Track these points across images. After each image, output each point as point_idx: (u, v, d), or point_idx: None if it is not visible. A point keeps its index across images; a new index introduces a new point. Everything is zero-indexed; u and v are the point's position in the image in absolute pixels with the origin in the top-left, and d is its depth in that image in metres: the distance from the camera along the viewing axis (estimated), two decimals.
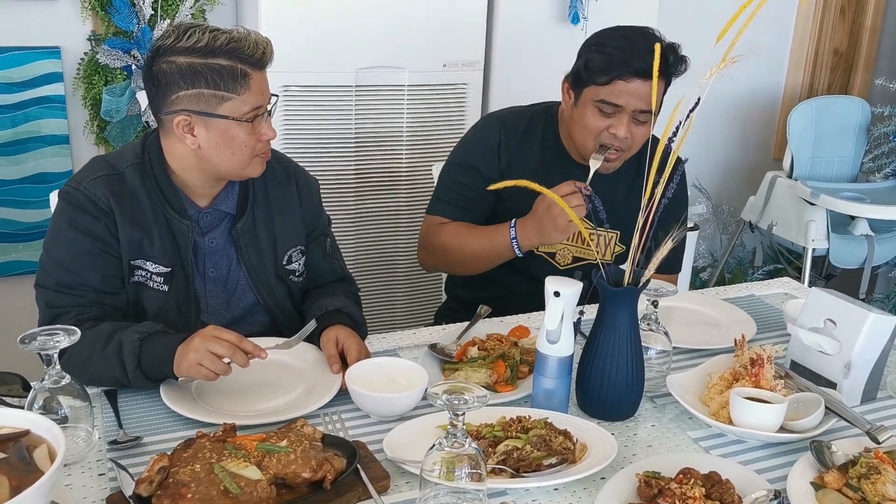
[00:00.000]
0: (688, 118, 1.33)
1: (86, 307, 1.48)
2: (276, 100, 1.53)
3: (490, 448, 1.25)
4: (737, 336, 1.56)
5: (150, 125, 2.53)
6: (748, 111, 3.73)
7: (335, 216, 2.66)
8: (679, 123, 1.32)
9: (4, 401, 1.31)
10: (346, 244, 2.72)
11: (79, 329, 1.23)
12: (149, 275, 1.54)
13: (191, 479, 1.09)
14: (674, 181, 1.38)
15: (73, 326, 1.23)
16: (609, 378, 1.38)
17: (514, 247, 1.81)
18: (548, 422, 1.30)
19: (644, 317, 1.48)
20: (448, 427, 1.08)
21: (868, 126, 3.44)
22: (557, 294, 1.34)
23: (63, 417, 1.24)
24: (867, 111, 3.43)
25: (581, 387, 1.42)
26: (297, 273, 1.69)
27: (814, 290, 1.56)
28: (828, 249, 3.22)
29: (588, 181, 1.70)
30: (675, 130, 1.34)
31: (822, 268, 3.54)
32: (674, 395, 1.42)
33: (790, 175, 3.39)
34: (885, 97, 3.51)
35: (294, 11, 2.45)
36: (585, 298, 1.41)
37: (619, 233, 1.94)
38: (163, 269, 1.54)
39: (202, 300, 1.60)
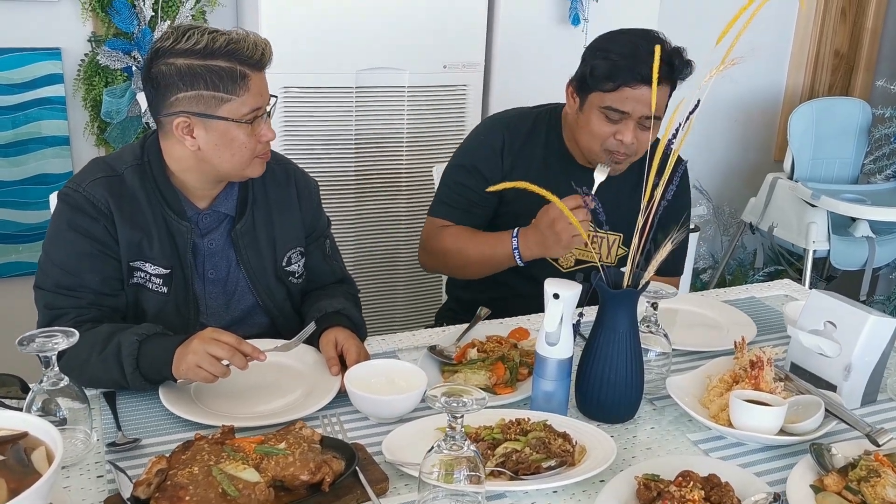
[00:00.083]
0: (687, 120, 1.32)
1: (85, 309, 1.48)
2: (276, 101, 1.53)
3: (489, 450, 1.24)
4: (737, 338, 1.56)
5: (151, 126, 2.53)
6: (749, 112, 3.72)
7: (335, 217, 2.66)
8: (679, 125, 1.31)
9: (3, 402, 1.31)
10: (347, 245, 2.72)
11: (77, 331, 1.23)
12: (148, 276, 1.54)
13: (189, 482, 1.09)
14: (673, 183, 1.38)
15: (72, 328, 1.23)
16: (608, 380, 1.37)
17: (516, 256, 1.81)
18: (547, 424, 1.30)
19: (644, 319, 1.48)
20: (447, 429, 1.08)
21: (869, 128, 3.44)
22: (556, 296, 1.33)
23: (62, 419, 1.23)
24: (868, 113, 3.43)
25: (580, 389, 1.42)
26: (297, 274, 1.69)
27: (814, 293, 1.56)
28: (828, 251, 3.22)
29: (593, 191, 1.70)
30: (675, 132, 1.34)
31: (823, 269, 3.53)
32: (673, 398, 1.42)
33: (791, 176, 3.39)
34: (886, 99, 3.51)
35: (294, 12, 2.45)
36: (585, 301, 1.41)
37: (622, 235, 1.94)
38: (162, 271, 1.54)
39: (201, 302, 1.60)
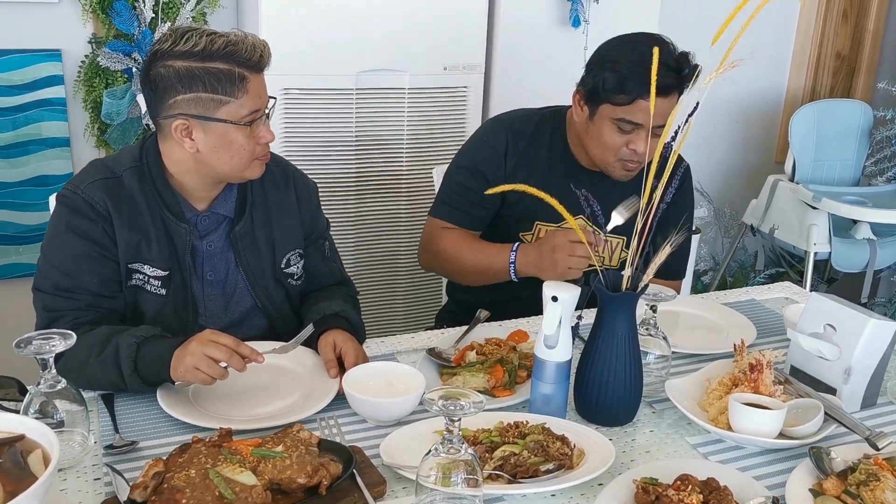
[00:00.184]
0: (686, 122, 1.32)
1: (83, 311, 1.48)
2: (275, 102, 1.53)
3: (487, 454, 1.24)
4: (736, 341, 1.55)
5: (151, 128, 2.53)
6: (750, 114, 3.72)
7: (335, 219, 2.66)
8: (678, 127, 1.31)
9: (0, 405, 1.31)
10: (347, 247, 2.72)
11: (75, 333, 1.23)
12: (146, 278, 1.53)
13: (185, 485, 1.08)
14: (672, 185, 1.38)
15: (70, 330, 1.22)
16: (607, 383, 1.37)
17: (511, 270, 1.82)
18: (545, 427, 1.30)
19: (643, 322, 1.47)
20: (444, 433, 1.08)
21: (870, 130, 3.43)
22: (555, 299, 1.33)
23: (59, 421, 1.23)
24: (869, 115, 3.42)
25: (579, 392, 1.41)
26: (296, 276, 1.69)
27: (813, 296, 1.55)
28: (830, 253, 3.21)
29: (608, 229, 1.71)
30: (675, 134, 1.34)
31: (825, 272, 3.53)
32: (672, 401, 1.41)
33: (792, 178, 3.38)
34: (888, 101, 3.50)
35: (295, 14, 2.45)
36: (584, 303, 1.41)
37: (625, 238, 1.94)
38: (160, 273, 1.54)
39: (200, 303, 1.60)
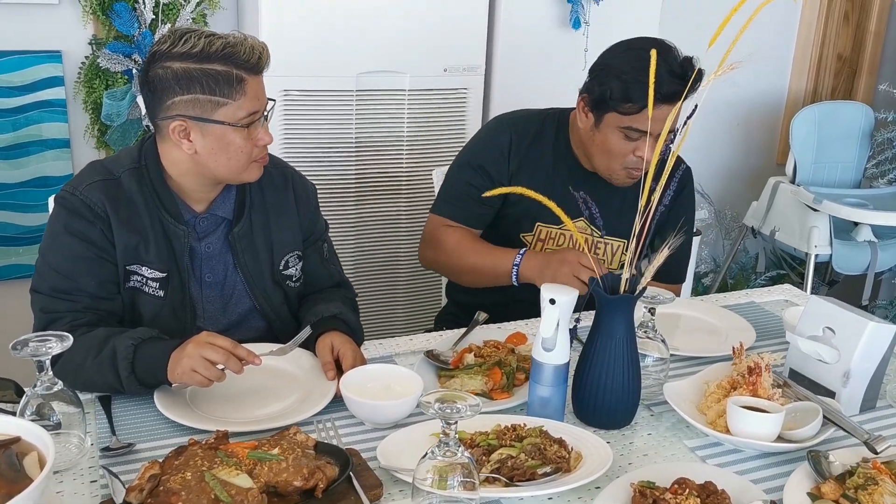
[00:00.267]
0: (685, 125, 1.32)
1: (81, 312, 1.48)
2: (274, 104, 1.53)
3: (484, 456, 1.24)
4: (735, 344, 1.55)
5: (151, 130, 2.53)
6: (751, 116, 3.71)
7: (335, 221, 2.66)
8: (676, 130, 1.31)
9: None
10: (347, 249, 2.72)
11: (72, 335, 1.23)
12: (144, 280, 1.53)
13: (181, 487, 1.08)
14: (671, 188, 1.38)
15: (66, 332, 1.22)
16: (605, 386, 1.37)
17: (514, 274, 1.82)
18: (543, 430, 1.29)
19: (641, 324, 1.47)
20: (440, 436, 1.07)
21: (871, 131, 3.43)
22: (553, 301, 1.33)
23: (56, 423, 1.23)
24: (871, 116, 3.42)
25: (577, 395, 1.41)
26: (294, 278, 1.69)
27: (813, 298, 1.55)
28: (831, 255, 3.20)
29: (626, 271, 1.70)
30: (673, 136, 1.34)
31: (826, 274, 3.52)
32: (670, 404, 1.41)
33: (793, 180, 3.38)
34: (889, 102, 3.49)
35: (295, 16, 2.45)
36: (583, 306, 1.41)
37: (626, 241, 1.93)
38: (158, 275, 1.53)
39: (198, 305, 1.60)
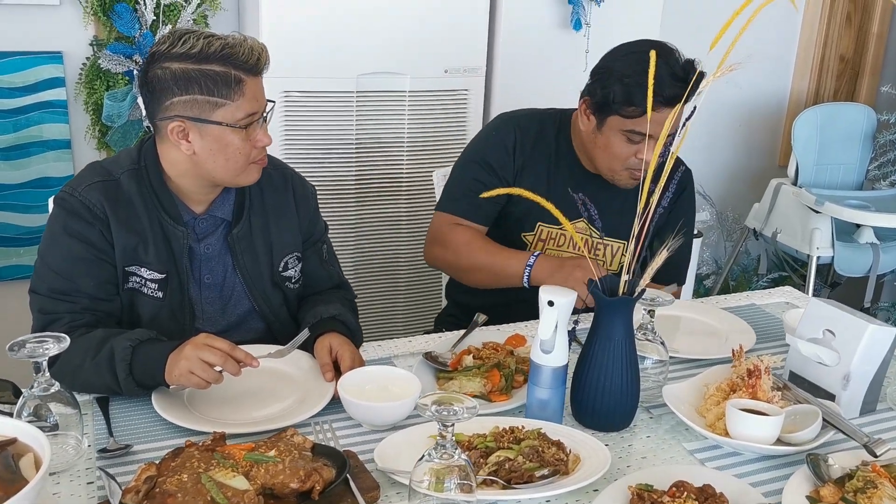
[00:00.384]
0: (684, 126, 1.32)
1: (79, 313, 1.48)
2: (273, 106, 1.53)
3: (482, 459, 1.23)
4: (735, 346, 1.54)
5: (151, 130, 2.53)
6: (753, 117, 3.71)
7: (336, 222, 2.66)
8: (675, 132, 1.30)
9: None
10: (347, 250, 2.71)
11: (70, 336, 1.23)
12: (143, 281, 1.53)
13: (177, 489, 1.08)
14: (670, 190, 1.37)
15: (63, 333, 1.22)
16: (604, 388, 1.36)
17: (526, 275, 1.81)
18: (541, 432, 1.29)
19: (640, 326, 1.47)
20: (437, 438, 1.07)
21: (874, 133, 3.42)
22: (551, 303, 1.32)
23: (53, 425, 1.23)
24: (873, 118, 3.41)
25: (575, 397, 1.41)
26: (294, 280, 1.69)
27: (813, 301, 1.54)
28: (832, 257, 3.20)
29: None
30: (672, 138, 1.33)
31: (828, 276, 3.51)
32: (669, 406, 1.40)
33: (795, 182, 3.37)
34: (891, 104, 3.49)
35: (295, 17, 2.45)
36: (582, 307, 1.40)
37: (626, 243, 1.93)
38: (157, 276, 1.53)
39: (197, 307, 1.60)
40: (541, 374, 1.36)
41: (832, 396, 1.46)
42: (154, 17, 2.52)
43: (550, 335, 1.34)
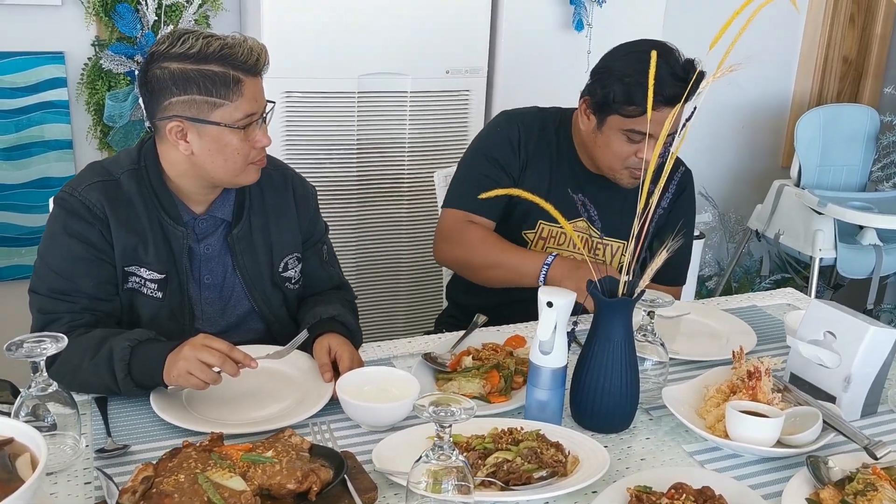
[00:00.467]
0: (684, 127, 1.31)
1: (79, 313, 1.47)
2: (273, 106, 1.53)
3: (480, 460, 1.23)
4: (736, 348, 1.53)
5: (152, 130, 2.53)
6: (756, 119, 3.70)
7: (337, 223, 2.66)
8: (674, 132, 1.30)
9: None
10: (348, 251, 2.71)
11: (68, 336, 1.23)
12: (143, 281, 1.53)
13: (174, 490, 1.08)
14: (670, 190, 1.37)
15: (61, 333, 1.22)
16: (603, 390, 1.36)
17: (542, 275, 1.78)
18: (540, 434, 1.29)
19: (640, 327, 1.46)
20: (435, 439, 1.07)
21: (877, 135, 3.41)
22: (550, 304, 1.32)
23: (51, 425, 1.23)
24: (876, 120, 3.40)
25: (575, 398, 1.40)
26: (293, 280, 1.69)
27: (814, 302, 1.54)
28: (835, 259, 3.19)
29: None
30: (671, 139, 1.33)
31: (831, 277, 3.50)
32: (669, 408, 1.40)
33: (798, 184, 3.36)
34: (895, 106, 3.48)
35: (297, 17, 2.45)
36: (581, 308, 1.40)
37: (625, 243, 1.92)
38: (157, 276, 1.53)
39: (197, 307, 1.60)
40: (540, 376, 1.36)
41: (833, 398, 1.45)
42: (156, 18, 2.52)
43: (549, 336, 1.33)
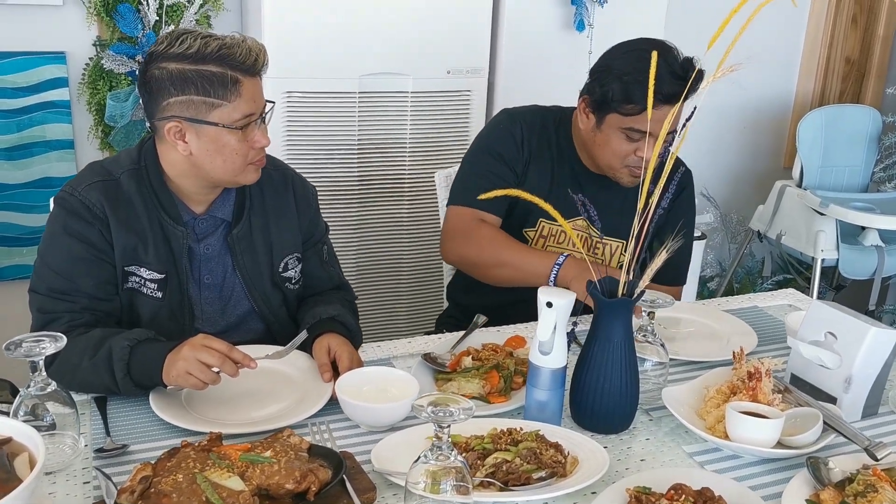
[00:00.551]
0: (684, 127, 1.31)
1: (78, 313, 1.47)
2: (273, 106, 1.52)
3: (479, 461, 1.23)
4: (737, 348, 1.53)
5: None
6: (758, 119, 3.69)
7: (338, 223, 2.66)
8: (675, 132, 1.30)
9: None
10: (349, 251, 2.71)
11: (67, 336, 1.23)
12: (142, 281, 1.53)
13: (172, 489, 1.08)
14: (670, 190, 1.36)
15: (60, 333, 1.22)
16: (603, 390, 1.35)
17: (553, 275, 1.76)
18: (539, 434, 1.28)
19: (640, 328, 1.46)
20: (433, 439, 1.07)
21: (879, 135, 3.40)
22: (550, 304, 1.32)
23: (50, 424, 1.23)
24: (878, 120, 3.39)
25: (574, 399, 1.40)
26: (293, 280, 1.68)
27: (814, 303, 1.53)
28: (837, 260, 3.18)
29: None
30: (672, 139, 1.33)
31: (833, 278, 3.50)
32: (669, 409, 1.40)
33: (800, 184, 3.36)
34: None
35: (298, 17, 2.45)
36: (580, 309, 1.39)
37: (625, 242, 1.92)
38: (157, 276, 1.53)
39: (196, 307, 1.60)
40: (539, 376, 1.35)
41: (834, 399, 1.45)
42: (157, 18, 2.52)
43: (549, 336, 1.33)
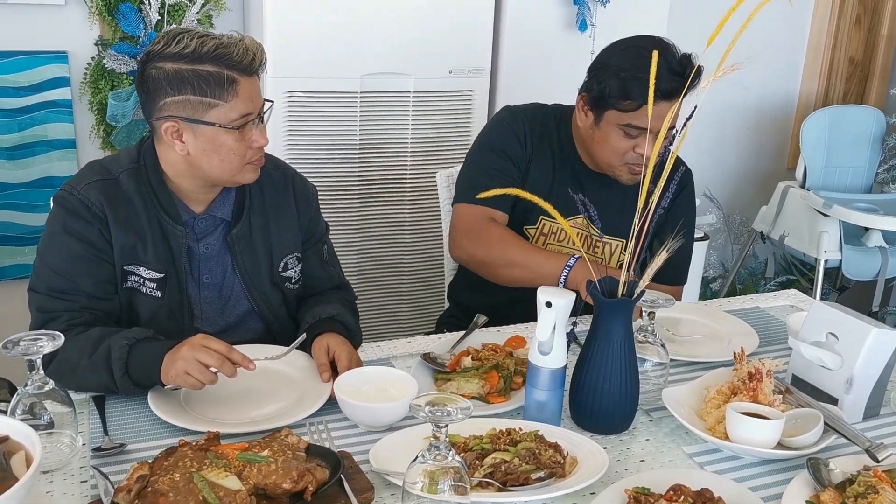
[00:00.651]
0: (684, 126, 1.30)
1: (77, 312, 1.47)
2: (272, 106, 1.52)
3: (477, 461, 1.22)
4: (738, 349, 1.52)
5: None
6: (761, 120, 3.69)
7: (339, 223, 2.65)
8: (675, 132, 1.29)
9: None
10: (350, 251, 2.71)
11: (65, 334, 1.22)
12: (142, 280, 1.53)
13: (169, 489, 1.07)
14: (670, 190, 1.36)
15: (58, 332, 1.22)
16: (602, 391, 1.35)
17: (563, 276, 1.74)
18: (538, 434, 1.28)
19: (640, 328, 1.45)
20: (431, 439, 1.06)
21: (883, 136, 3.39)
22: (549, 304, 1.31)
23: (48, 423, 1.23)
24: (882, 121, 3.38)
25: (574, 399, 1.39)
26: (293, 280, 1.68)
27: (816, 304, 1.53)
28: (840, 261, 3.17)
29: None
30: (672, 139, 1.32)
31: (836, 280, 3.49)
32: (669, 409, 1.39)
33: (803, 185, 3.35)
34: None
35: (299, 17, 2.45)
36: (580, 309, 1.39)
37: (625, 241, 1.92)
38: (156, 275, 1.53)
39: (196, 306, 1.59)
40: (539, 376, 1.35)
41: (835, 400, 1.44)
42: (159, 17, 2.52)
43: (548, 336, 1.32)
